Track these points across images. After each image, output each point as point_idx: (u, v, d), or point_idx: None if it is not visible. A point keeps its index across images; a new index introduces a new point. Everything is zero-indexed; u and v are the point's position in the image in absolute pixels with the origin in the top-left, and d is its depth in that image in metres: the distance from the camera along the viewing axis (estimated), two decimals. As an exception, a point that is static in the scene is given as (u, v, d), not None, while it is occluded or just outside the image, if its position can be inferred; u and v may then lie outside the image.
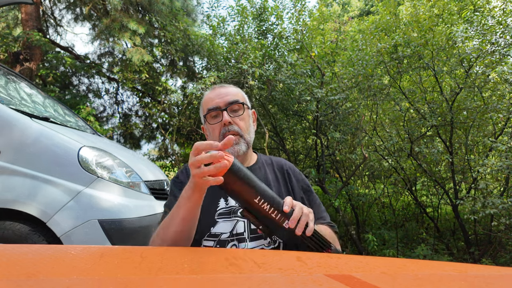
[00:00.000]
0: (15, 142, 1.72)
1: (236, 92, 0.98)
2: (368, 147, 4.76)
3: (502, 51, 3.32)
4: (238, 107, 0.95)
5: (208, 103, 0.96)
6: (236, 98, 0.95)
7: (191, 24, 5.80)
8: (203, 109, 0.98)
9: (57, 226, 1.61)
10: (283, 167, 1.03)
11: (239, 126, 0.93)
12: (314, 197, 1.00)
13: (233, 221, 0.87)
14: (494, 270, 0.55)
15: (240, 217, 0.88)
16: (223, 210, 0.89)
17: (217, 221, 0.87)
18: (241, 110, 0.96)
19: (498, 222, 2.94)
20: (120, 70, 5.69)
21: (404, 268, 0.53)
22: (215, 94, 0.96)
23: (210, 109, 0.94)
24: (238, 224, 0.87)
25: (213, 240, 0.85)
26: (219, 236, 0.86)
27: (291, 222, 0.68)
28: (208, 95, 0.98)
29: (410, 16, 4.16)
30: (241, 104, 0.96)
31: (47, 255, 0.47)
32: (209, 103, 0.95)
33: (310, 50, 4.78)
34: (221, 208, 0.89)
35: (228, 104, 0.93)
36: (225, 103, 0.93)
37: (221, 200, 0.91)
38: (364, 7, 15.08)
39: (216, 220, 0.88)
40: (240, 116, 0.94)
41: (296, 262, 0.51)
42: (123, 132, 6.84)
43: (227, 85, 1.01)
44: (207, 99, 0.98)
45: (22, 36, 4.99)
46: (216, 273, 0.42)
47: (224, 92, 0.96)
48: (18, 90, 2.33)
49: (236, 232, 0.86)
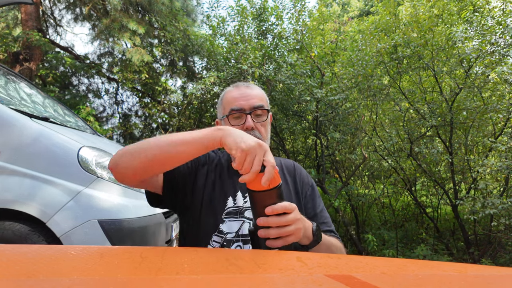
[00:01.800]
0: (15, 142, 1.72)
1: (261, 96, 0.95)
2: (368, 147, 4.76)
3: (501, 52, 3.32)
4: (261, 112, 0.92)
5: (231, 102, 0.91)
6: (262, 103, 0.92)
7: (191, 24, 5.80)
8: (224, 107, 0.93)
9: (57, 226, 1.61)
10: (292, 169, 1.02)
11: (260, 132, 0.90)
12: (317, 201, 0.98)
13: (239, 222, 0.86)
14: (494, 270, 0.55)
15: (246, 218, 0.87)
16: (231, 210, 0.88)
17: (224, 221, 0.86)
18: (265, 116, 0.92)
19: (497, 222, 2.94)
20: (120, 70, 5.69)
21: (404, 268, 0.53)
22: (239, 94, 0.92)
23: (234, 109, 0.89)
24: (244, 225, 0.85)
25: (221, 237, 0.84)
26: (226, 234, 0.84)
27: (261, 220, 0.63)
28: (232, 93, 0.93)
29: (409, 16, 4.16)
30: (265, 110, 0.92)
31: (47, 255, 0.47)
32: (233, 102, 0.91)
33: (310, 50, 4.79)
34: (229, 207, 0.88)
35: (253, 108, 0.90)
36: (250, 107, 0.90)
37: (230, 199, 0.89)
38: (363, 8, 15.09)
39: (224, 220, 0.86)
40: (263, 122, 0.91)
41: (296, 262, 0.51)
42: (123, 132, 6.83)
43: (252, 86, 0.97)
44: (230, 97, 0.93)
45: (22, 36, 4.99)
46: (216, 274, 0.42)
47: (250, 94, 0.92)
48: (17, 90, 2.33)
49: (241, 233, 0.85)
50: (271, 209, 0.63)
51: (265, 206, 0.63)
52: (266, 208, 0.63)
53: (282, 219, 0.63)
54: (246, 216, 0.87)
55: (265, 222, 0.63)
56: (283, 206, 0.63)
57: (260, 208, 0.64)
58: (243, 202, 0.89)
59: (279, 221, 0.63)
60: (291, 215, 0.65)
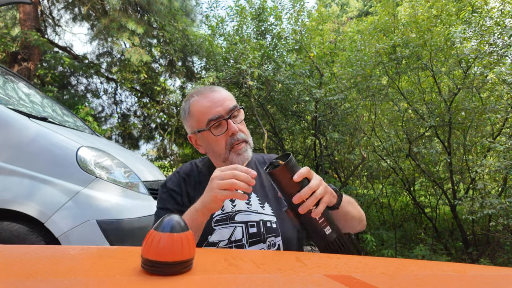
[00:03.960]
0: (13, 142, 1.71)
1: (230, 96, 0.91)
2: (367, 148, 4.77)
3: (500, 52, 3.33)
4: (237, 113, 0.88)
5: (206, 112, 0.85)
6: (235, 103, 0.88)
7: (190, 24, 5.80)
8: (198, 120, 0.87)
9: (55, 226, 1.61)
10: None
11: (243, 132, 0.88)
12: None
13: (230, 228, 0.84)
14: (493, 271, 0.55)
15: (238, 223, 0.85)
16: (220, 217, 0.86)
17: (214, 229, 0.84)
18: (241, 114, 0.90)
19: (496, 222, 2.95)
20: (118, 70, 5.69)
21: (403, 268, 0.53)
22: (210, 101, 0.86)
23: (213, 119, 0.84)
24: (236, 230, 0.84)
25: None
26: (217, 244, 0.83)
27: (296, 198, 0.63)
28: (201, 103, 0.87)
29: (408, 16, 4.16)
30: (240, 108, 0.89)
31: (46, 255, 0.47)
32: (208, 112, 0.85)
33: (309, 51, 4.79)
34: (217, 215, 0.86)
35: (230, 112, 0.86)
36: (227, 111, 0.85)
37: None
38: (362, 8, 15.12)
39: (213, 228, 0.85)
40: (242, 121, 0.90)
41: (295, 262, 0.51)
42: (121, 132, 6.82)
43: (215, 87, 0.92)
44: (201, 107, 0.86)
45: (20, 36, 4.98)
46: (215, 274, 0.42)
47: (221, 98, 0.87)
48: (16, 90, 2.32)
49: (234, 239, 0.83)
50: (297, 175, 0.64)
51: (290, 179, 0.64)
52: (292, 179, 0.64)
53: (312, 185, 0.65)
54: (237, 220, 0.85)
55: (299, 198, 0.63)
56: (302, 174, 0.64)
57: (287, 185, 0.65)
58: (231, 207, 0.87)
59: (310, 189, 0.64)
60: (313, 180, 0.66)
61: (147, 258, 0.39)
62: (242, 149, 0.86)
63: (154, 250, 0.39)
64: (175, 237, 0.40)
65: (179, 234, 0.40)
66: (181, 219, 0.42)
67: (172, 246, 0.39)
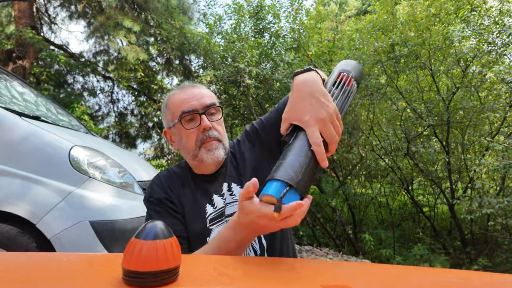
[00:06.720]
0: (4, 141, 1.67)
1: (211, 94, 0.89)
2: (365, 147, 4.76)
3: (498, 51, 3.32)
4: (215, 111, 0.86)
5: (181, 105, 0.84)
6: (214, 101, 0.86)
7: (187, 22, 5.75)
8: (173, 112, 0.85)
9: (47, 227, 1.57)
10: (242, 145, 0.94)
11: (218, 131, 0.85)
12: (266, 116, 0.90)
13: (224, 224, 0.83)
14: (499, 278, 0.53)
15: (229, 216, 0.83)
16: (213, 215, 0.84)
17: (211, 229, 0.82)
18: (219, 114, 0.88)
19: (494, 221, 2.95)
20: (115, 69, 5.64)
21: (405, 276, 0.51)
22: (188, 95, 0.85)
23: (186, 111, 0.82)
24: None
25: None
26: None
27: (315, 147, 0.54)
28: (179, 96, 0.86)
29: (407, 15, 4.15)
30: (218, 107, 0.88)
31: (37, 262, 0.44)
32: (183, 104, 0.84)
33: (307, 49, 4.77)
34: (210, 213, 0.84)
35: (206, 107, 0.84)
36: (202, 106, 0.84)
37: (208, 206, 0.85)
38: (361, 6, 15.11)
39: (209, 228, 0.82)
40: (218, 120, 0.87)
41: (291, 272, 0.48)
42: (118, 131, 6.78)
43: (198, 85, 0.90)
44: (178, 100, 0.85)
45: (15, 33, 4.91)
46: (203, 285, 0.39)
47: (199, 93, 0.86)
48: (8, 89, 2.28)
49: None
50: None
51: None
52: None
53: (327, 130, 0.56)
54: (227, 214, 0.83)
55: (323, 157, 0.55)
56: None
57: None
58: (223, 203, 0.85)
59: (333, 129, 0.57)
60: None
61: (128, 269, 0.36)
62: (213, 145, 0.83)
63: (135, 259, 0.36)
64: (159, 244, 0.37)
65: (162, 241, 0.37)
66: (163, 225, 0.39)
67: (155, 254, 0.36)
